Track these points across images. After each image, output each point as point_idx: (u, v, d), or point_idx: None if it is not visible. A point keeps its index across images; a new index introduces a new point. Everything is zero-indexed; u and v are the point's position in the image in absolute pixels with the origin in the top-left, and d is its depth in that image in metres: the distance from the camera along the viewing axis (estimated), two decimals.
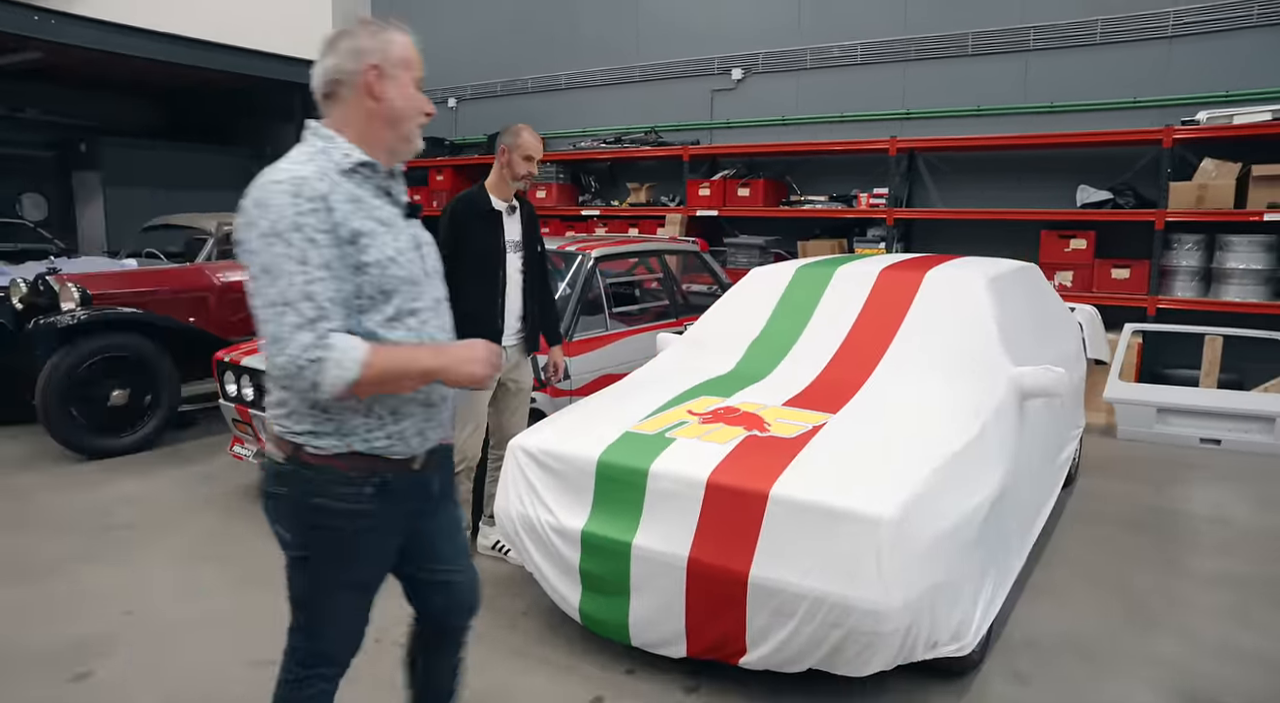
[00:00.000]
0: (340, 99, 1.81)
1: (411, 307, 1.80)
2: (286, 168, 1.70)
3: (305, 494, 1.79)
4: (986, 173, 7.49)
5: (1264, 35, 6.38)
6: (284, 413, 1.78)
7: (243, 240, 1.67)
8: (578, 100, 9.72)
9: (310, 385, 1.64)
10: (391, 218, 1.80)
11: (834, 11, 8.10)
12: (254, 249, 1.65)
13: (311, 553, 1.86)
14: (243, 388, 4.48)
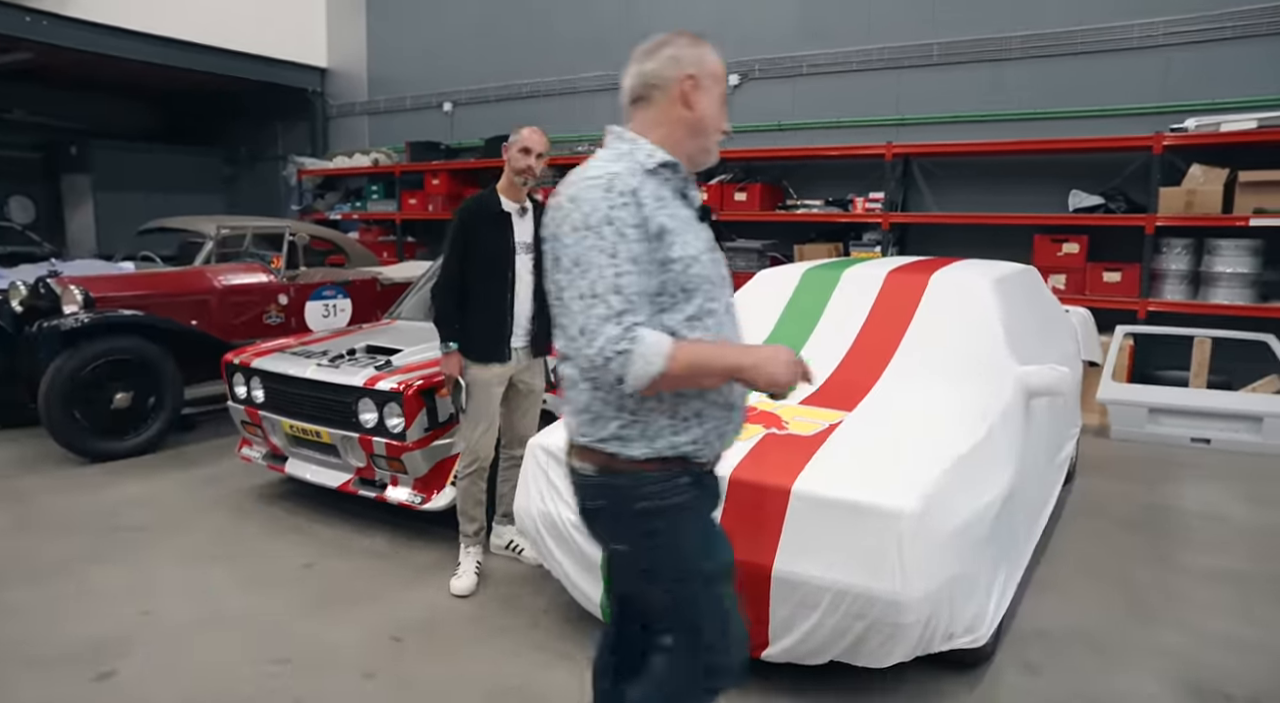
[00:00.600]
0: (651, 103, 1.86)
1: (709, 307, 1.78)
2: (599, 165, 1.73)
3: (626, 501, 1.77)
4: (980, 178, 7.61)
5: (1248, 46, 6.53)
6: (588, 420, 1.77)
7: (556, 235, 1.70)
8: (573, 105, 9.77)
9: (615, 379, 1.63)
10: (689, 219, 1.81)
11: (830, 20, 8.20)
12: (566, 243, 1.67)
13: (658, 558, 1.81)
14: (253, 390, 4.49)
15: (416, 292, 5.53)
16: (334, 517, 4.47)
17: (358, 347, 4.44)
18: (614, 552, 1.87)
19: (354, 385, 3.99)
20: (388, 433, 3.94)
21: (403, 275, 7.39)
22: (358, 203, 10.99)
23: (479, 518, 3.70)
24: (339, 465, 4.24)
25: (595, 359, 1.63)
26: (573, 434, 1.83)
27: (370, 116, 11.65)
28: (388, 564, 3.91)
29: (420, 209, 10.22)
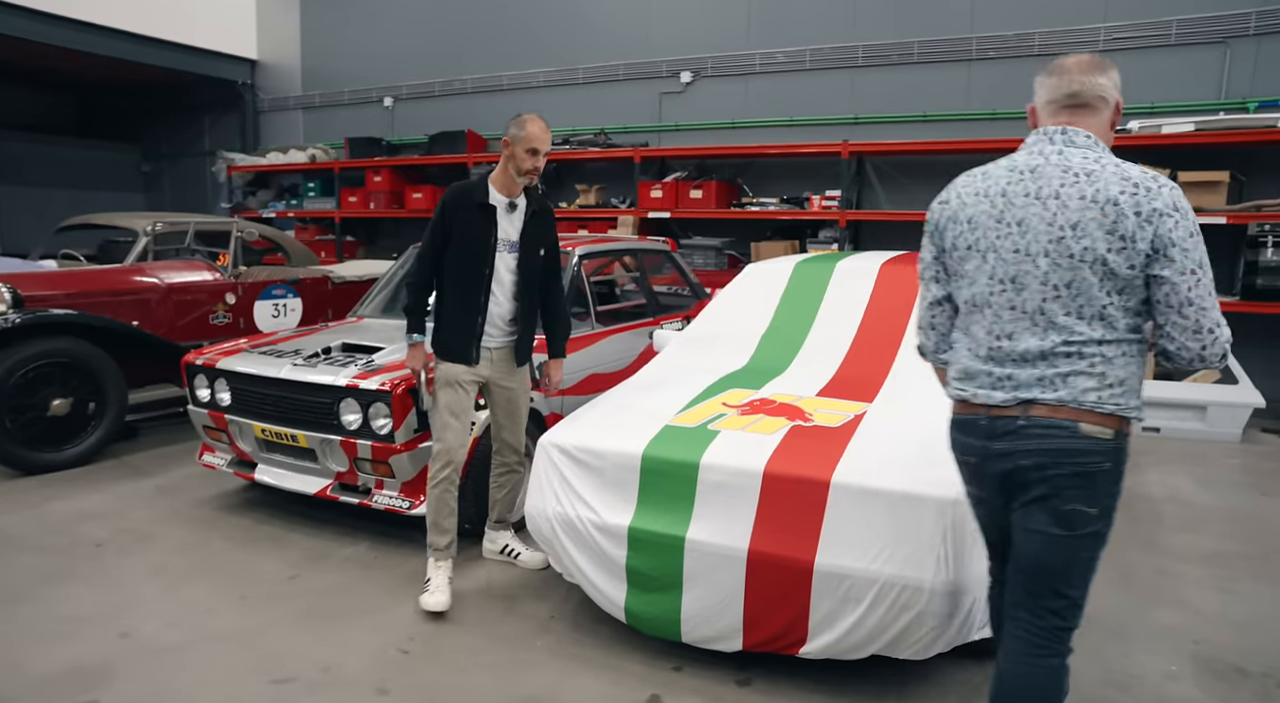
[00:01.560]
0: (1096, 112, 2.03)
1: None
2: (1142, 170, 1.93)
3: (1122, 463, 1.93)
4: (933, 177, 7.77)
5: (1186, 53, 6.86)
6: (1122, 392, 1.89)
7: (1176, 240, 1.83)
8: (521, 102, 9.59)
9: (1220, 361, 1.87)
10: None
11: (782, 18, 8.26)
12: (1188, 247, 1.84)
13: (1109, 520, 1.97)
14: (218, 392, 4.21)
15: (382, 289, 5.30)
16: (309, 525, 4.23)
17: (333, 345, 4.20)
18: (1077, 513, 1.92)
19: (336, 385, 3.77)
20: (373, 435, 3.73)
21: (354, 273, 7.10)
22: (293, 200, 10.56)
23: (450, 530, 3.40)
24: (317, 471, 4.01)
25: (1225, 347, 1.87)
26: (1098, 402, 1.88)
27: (305, 111, 11.21)
28: (376, 573, 3.70)
29: (361, 207, 9.87)
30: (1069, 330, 1.90)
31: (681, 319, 5.91)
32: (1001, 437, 1.95)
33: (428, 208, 9.39)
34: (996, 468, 1.99)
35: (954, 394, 2.10)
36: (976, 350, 2.03)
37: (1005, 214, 1.99)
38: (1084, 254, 1.87)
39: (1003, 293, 1.97)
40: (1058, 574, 1.96)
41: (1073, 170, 1.94)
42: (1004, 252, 1.97)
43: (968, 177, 2.16)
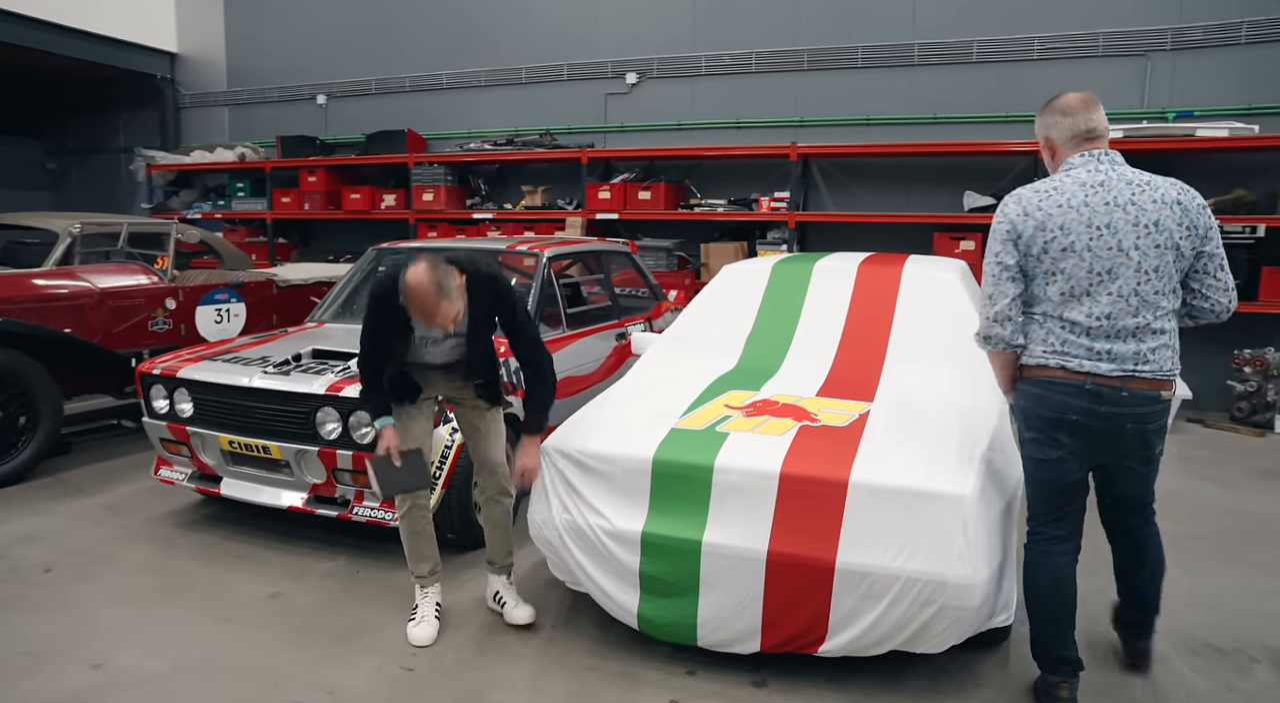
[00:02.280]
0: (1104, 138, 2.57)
1: None
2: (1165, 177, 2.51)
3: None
4: (878, 178, 7.97)
5: (1109, 64, 7.22)
6: (1173, 356, 2.49)
7: (1213, 224, 2.48)
8: (462, 101, 9.43)
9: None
10: None
11: (728, 21, 8.34)
12: (1215, 227, 2.49)
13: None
14: (179, 403, 3.98)
15: (341, 293, 5.12)
16: (280, 541, 4.04)
17: (303, 352, 4.03)
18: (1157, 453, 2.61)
19: (314, 393, 3.62)
20: (355, 444, 3.59)
21: (299, 276, 6.85)
22: (221, 201, 10.10)
23: (430, 556, 3.20)
24: (291, 483, 3.84)
25: (1232, 308, 2.52)
26: (1171, 371, 2.47)
27: (231, 108, 10.74)
28: (362, 588, 3.57)
29: (295, 207, 9.52)
30: (1155, 306, 2.44)
31: (644, 321, 5.91)
32: (1107, 402, 2.46)
33: (366, 208, 9.13)
34: (1098, 426, 2.49)
35: (1055, 361, 2.51)
36: (1073, 331, 2.48)
37: (1093, 220, 2.44)
38: (1165, 243, 2.42)
39: (1100, 283, 2.44)
40: (1146, 492, 2.71)
41: (1134, 182, 2.46)
42: (1099, 250, 2.44)
43: (1035, 192, 2.54)
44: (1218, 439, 6.31)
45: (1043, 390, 2.53)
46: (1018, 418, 2.66)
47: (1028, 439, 2.63)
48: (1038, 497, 2.64)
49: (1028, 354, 2.57)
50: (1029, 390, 2.58)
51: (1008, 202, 2.56)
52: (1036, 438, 2.59)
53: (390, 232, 9.24)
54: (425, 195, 8.87)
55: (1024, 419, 2.61)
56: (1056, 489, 2.60)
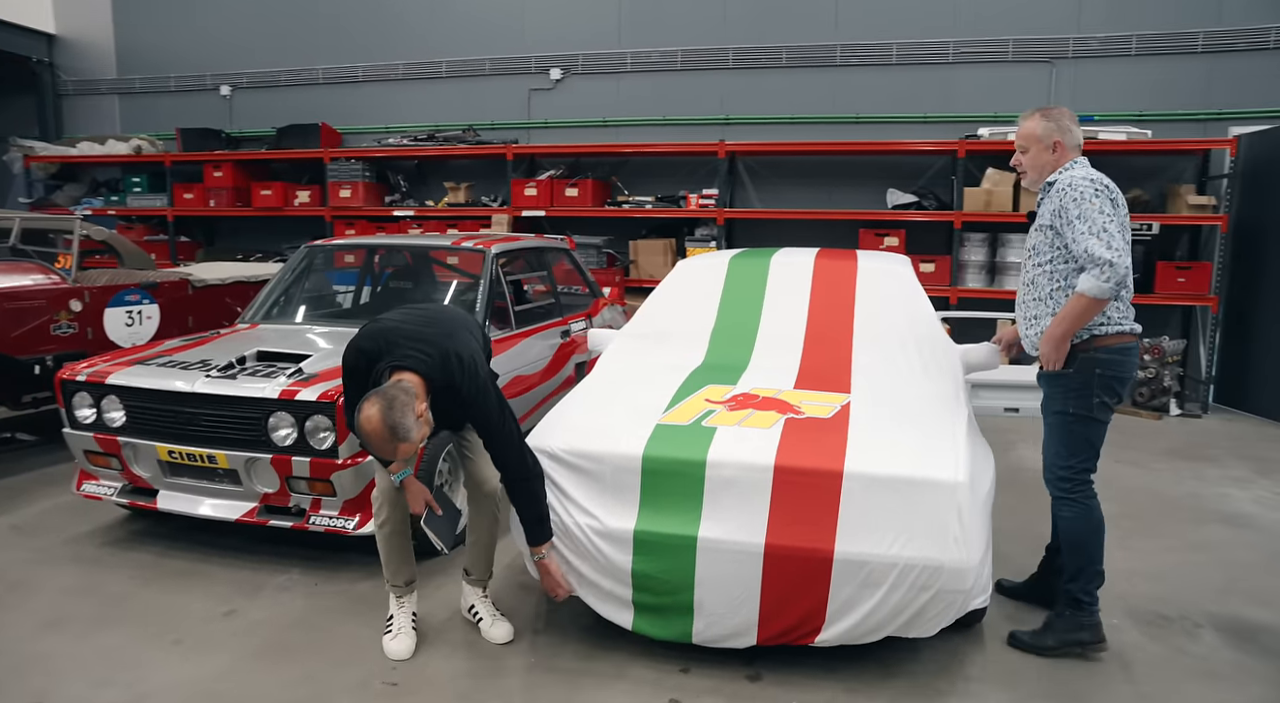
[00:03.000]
0: None
1: None
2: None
3: None
4: (803, 176, 8.14)
5: (1018, 69, 7.60)
6: None
7: None
8: (380, 94, 9.12)
9: None
10: None
11: (654, 18, 8.35)
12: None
13: None
14: (108, 412, 3.68)
15: (274, 292, 4.86)
16: (224, 555, 3.79)
17: (247, 354, 3.79)
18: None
19: (266, 398, 3.41)
20: (312, 450, 3.41)
21: (215, 276, 6.46)
22: (114, 197, 9.44)
23: (407, 568, 3.05)
24: (239, 494, 3.60)
25: None
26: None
27: (121, 97, 10.05)
28: (324, 600, 3.39)
29: (199, 204, 9.00)
30: None
31: (584, 318, 5.85)
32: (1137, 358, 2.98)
33: (278, 205, 8.71)
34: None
35: (1128, 327, 2.92)
36: (1129, 297, 2.93)
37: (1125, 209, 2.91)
38: None
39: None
40: None
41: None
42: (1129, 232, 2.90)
43: (1097, 173, 2.92)
44: (1121, 422, 6.71)
45: (1123, 356, 2.91)
46: (1093, 384, 2.90)
47: (1099, 403, 2.92)
48: (1091, 452, 2.99)
49: (1108, 322, 2.88)
50: (1109, 358, 2.89)
51: (1100, 177, 2.88)
52: (1108, 401, 2.93)
53: (305, 229, 8.84)
54: (342, 192, 8.53)
55: (1103, 384, 2.90)
56: (1102, 442, 3.00)
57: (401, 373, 2.65)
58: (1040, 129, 3.00)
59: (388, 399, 2.51)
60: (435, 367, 2.69)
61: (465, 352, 2.77)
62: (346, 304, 5.48)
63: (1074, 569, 3.03)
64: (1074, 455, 3.00)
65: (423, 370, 2.67)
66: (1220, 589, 3.64)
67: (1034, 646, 3.03)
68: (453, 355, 2.72)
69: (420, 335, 2.76)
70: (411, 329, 2.79)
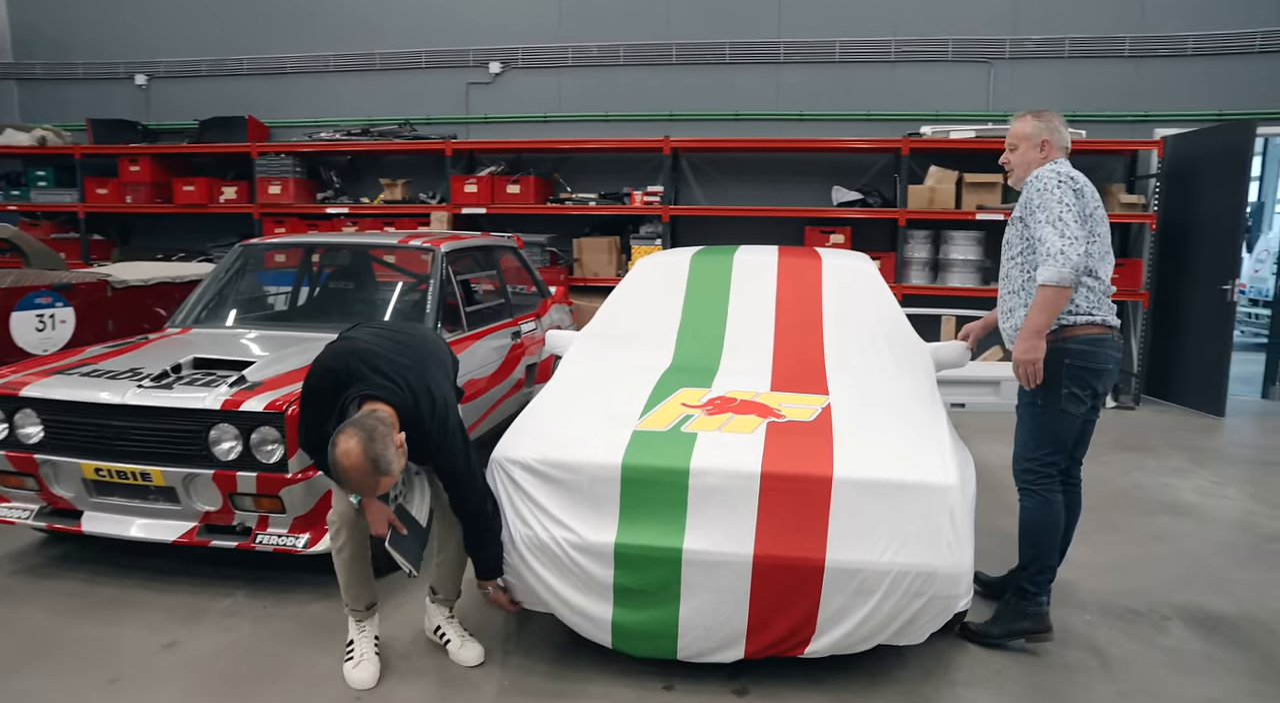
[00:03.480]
0: None
1: None
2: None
3: None
4: (748, 173, 8.11)
5: (958, 68, 7.71)
6: None
7: None
8: (310, 86, 8.72)
9: None
10: None
11: (595, 12, 8.20)
12: None
13: None
14: (22, 427, 3.36)
15: (207, 294, 4.55)
16: (158, 580, 3.51)
17: (182, 361, 3.51)
18: None
19: (207, 409, 3.15)
20: (259, 465, 3.16)
21: (136, 277, 6.05)
22: (14, 191, 8.80)
23: (367, 592, 2.85)
24: (177, 513, 3.33)
25: None
26: None
27: (20, 83, 9.38)
28: (274, 626, 3.15)
29: (114, 200, 8.46)
30: None
31: (533, 318, 5.68)
32: (1119, 350, 2.98)
33: (202, 202, 8.25)
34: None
35: (1099, 317, 2.92)
36: (1104, 291, 2.94)
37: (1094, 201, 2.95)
38: None
39: (1106, 249, 2.97)
40: None
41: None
42: (1104, 225, 2.96)
43: (1068, 167, 2.97)
44: None
45: (1092, 347, 2.90)
46: (1061, 375, 2.87)
47: (1067, 394, 2.90)
48: (1056, 445, 2.98)
49: (1076, 312, 2.89)
50: (1077, 348, 2.89)
51: (1068, 170, 2.92)
52: (1078, 394, 2.92)
53: (231, 227, 8.41)
54: (271, 188, 8.13)
55: (1071, 375, 2.89)
56: (1072, 437, 3.01)
57: (374, 403, 2.46)
58: (1030, 128, 3.03)
59: (366, 431, 2.33)
60: (409, 404, 2.52)
61: (439, 392, 2.61)
62: (282, 306, 5.18)
63: (1026, 559, 3.07)
64: (1039, 448, 3.01)
65: (396, 403, 2.49)
66: (1180, 581, 3.71)
67: (981, 635, 3.06)
68: (424, 395, 2.56)
69: (394, 365, 2.57)
70: (385, 356, 2.60)
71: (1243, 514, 4.65)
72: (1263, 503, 4.82)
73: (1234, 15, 7.33)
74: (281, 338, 4.01)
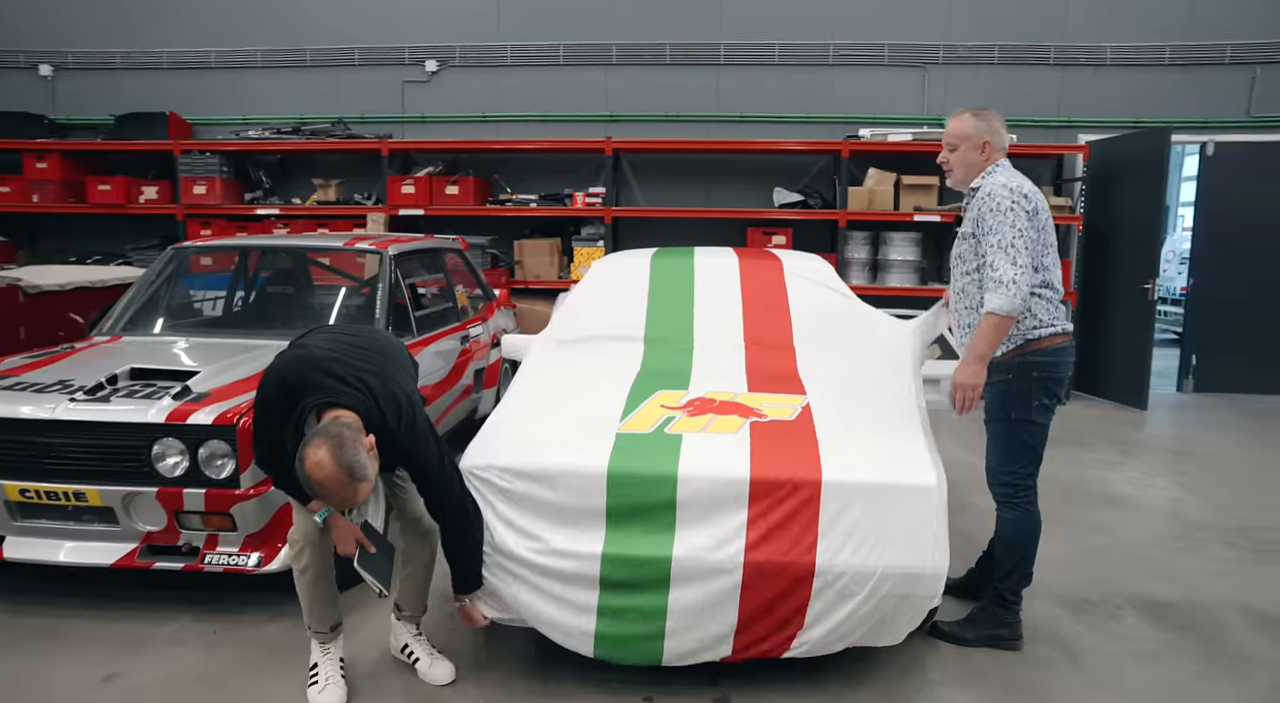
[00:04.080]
0: None
1: None
2: None
3: None
4: (689, 174, 8.11)
5: (894, 73, 7.87)
6: None
7: None
8: (236, 83, 8.36)
9: None
10: None
11: (534, 10, 8.08)
12: None
13: None
14: None
15: (138, 299, 4.29)
16: (92, 607, 3.27)
17: (118, 372, 3.29)
18: None
19: (150, 423, 2.96)
20: (208, 481, 2.98)
21: (51, 281, 5.67)
22: None
23: (331, 612, 2.72)
24: (115, 534, 3.11)
25: None
26: None
27: None
28: (227, 651, 2.97)
29: (18, 199, 7.94)
30: None
31: (480, 322, 5.56)
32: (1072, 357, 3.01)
33: (119, 201, 7.80)
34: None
35: (1060, 327, 2.94)
36: (1060, 300, 2.96)
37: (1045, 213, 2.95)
38: None
39: (1055, 260, 2.96)
40: None
41: None
42: (1054, 234, 2.97)
43: (1019, 179, 2.93)
44: None
45: (1057, 357, 2.92)
46: (1031, 388, 2.89)
47: (1038, 406, 2.92)
48: (1031, 457, 3.01)
49: (1040, 325, 2.90)
50: (1045, 360, 2.91)
51: (1020, 185, 2.87)
52: (1047, 404, 2.94)
53: (153, 229, 8.00)
54: (196, 188, 7.75)
55: (1041, 386, 2.91)
56: (1044, 445, 3.02)
57: (335, 410, 2.33)
58: (971, 128, 2.98)
59: (335, 439, 2.20)
60: (372, 408, 2.39)
61: (401, 394, 2.48)
62: (217, 312, 4.94)
63: (1006, 569, 3.07)
64: (1015, 461, 3.01)
65: (359, 409, 2.36)
66: (1126, 570, 3.84)
67: (955, 636, 3.08)
68: (387, 397, 2.43)
69: (352, 369, 2.43)
70: (341, 361, 2.45)
71: (1172, 503, 4.85)
72: (1189, 492, 5.04)
73: (1148, 29, 7.69)
74: (223, 346, 3.80)
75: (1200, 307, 7.94)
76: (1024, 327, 2.90)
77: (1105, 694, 2.80)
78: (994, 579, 3.11)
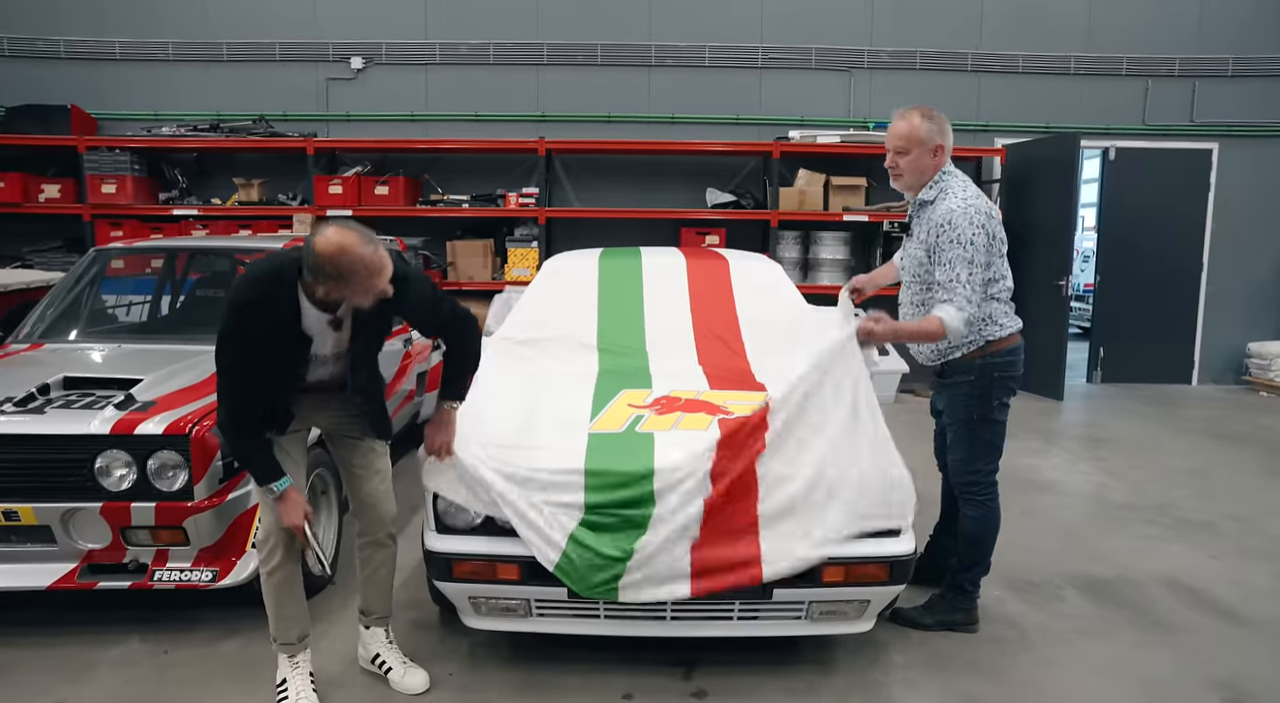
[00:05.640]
0: None
1: None
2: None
3: None
4: (622, 175, 8.13)
5: (821, 77, 8.07)
6: None
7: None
8: (145, 76, 7.95)
9: None
10: None
11: (464, 8, 7.97)
12: None
13: None
14: None
15: (57, 305, 4.04)
16: (28, 633, 3.07)
17: (50, 382, 3.09)
18: None
19: (94, 435, 2.79)
20: (158, 493, 2.84)
21: None
22: None
23: (299, 618, 2.62)
24: (51, 554, 2.92)
25: None
26: None
27: None
28: (181, 671, 2.83)
29: None
30: None
31: None
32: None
33: (16, 200, 7.33)
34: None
35: (1014, 327, 3.04)
36: (1010, 303, 3.05)
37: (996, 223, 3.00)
38: None
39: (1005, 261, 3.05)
40: None
41: None
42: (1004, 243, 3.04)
43: (976, 192, 2.99)
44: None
45: (1014, 356, 3.03)
46: (992, 387, 2.97)
47: (998, 404, 3.02)
48: (994, 453, 3.11)
49: (998, 328, 2.98)
50: (1003, 360, 2.99)
51: (978, 203, 2.88)
52: (1006, 401, 3.04)
53: (56, 229, 7.55)
54: (106, 186, 7.35)
55: (1001, 385, 3.01)
56: (1004, 440, 3.12)
57: None
58: (924, 131, 2.90)
59: (346, 225, 2.24)
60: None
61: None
62: (142, 317, 4.69)
63: (968, 562, 3.18)
64: (978, 460, 3.10)
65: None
66: (1062, 551, 4.04)
67: (914, 622, 3.18)
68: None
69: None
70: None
71: (1096, 488, 5.13)
72: (1109, 476, 5.34)
73: (1053, 40, 8.12)
74: (158, 352, 3.61)
75: (1106, 301, 8.42)
76: (986, 331, 2.96)
77: (1058, 669, 2.95)
78: (955, 570, 3.20)
